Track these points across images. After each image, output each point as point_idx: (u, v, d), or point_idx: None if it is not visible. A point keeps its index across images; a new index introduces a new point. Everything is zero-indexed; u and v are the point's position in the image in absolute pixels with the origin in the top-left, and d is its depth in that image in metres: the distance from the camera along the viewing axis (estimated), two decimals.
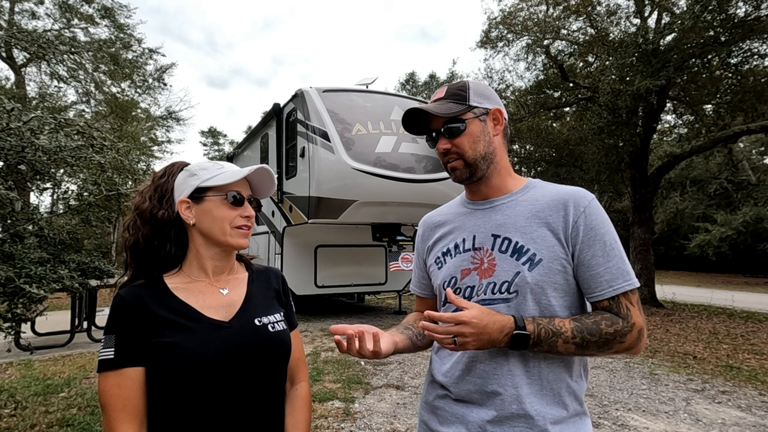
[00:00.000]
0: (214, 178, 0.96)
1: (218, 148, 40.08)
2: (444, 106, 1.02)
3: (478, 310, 0.88)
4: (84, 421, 3.28)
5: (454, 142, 1.02)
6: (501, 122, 1.06)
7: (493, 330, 0.87)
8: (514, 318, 0.90)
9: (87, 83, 12.95)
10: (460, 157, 1.03)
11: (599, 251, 0.94)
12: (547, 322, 0.90)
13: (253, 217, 1.00)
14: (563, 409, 0.95)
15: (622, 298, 0.93)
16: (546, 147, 12.60)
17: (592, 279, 0.94)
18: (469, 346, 0.88)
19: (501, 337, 0.88)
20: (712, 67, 8.90)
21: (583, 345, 0.90)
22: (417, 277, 1.25)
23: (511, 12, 10.75)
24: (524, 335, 0.88)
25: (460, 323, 0.86)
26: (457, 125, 1.01)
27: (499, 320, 0.89)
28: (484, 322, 0.87)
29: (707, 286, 16.13)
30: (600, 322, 0.91)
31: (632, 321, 0.91)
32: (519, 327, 0.89)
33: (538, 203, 1.01)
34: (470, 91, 1.04)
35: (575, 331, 0.89)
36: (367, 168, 6.25)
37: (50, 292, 2.83)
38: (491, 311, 0.91)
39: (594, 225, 0.95)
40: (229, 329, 0.93)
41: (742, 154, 18.07)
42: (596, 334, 0.90)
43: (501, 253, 0.99)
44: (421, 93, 26.06)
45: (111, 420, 0.84)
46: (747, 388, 4.25)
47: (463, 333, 0.86)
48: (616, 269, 0.93)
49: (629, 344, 0.92)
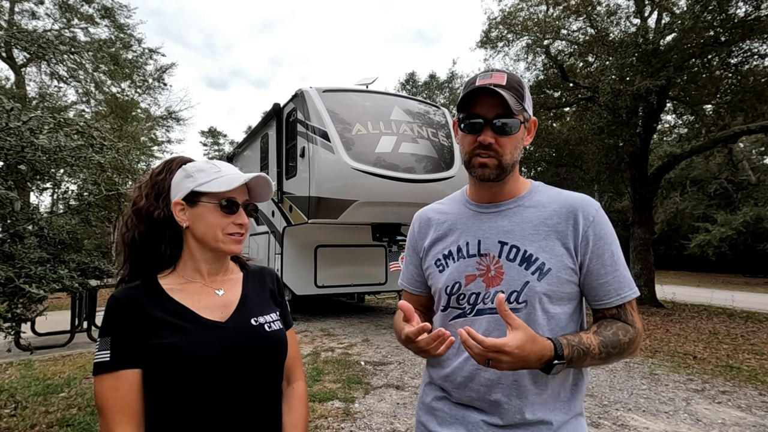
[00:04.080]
0: (209, 183, 0.94)
1: (218, 148, 40.11)
2: (512, 99, 0.92)
3: (522, 338, 0.81)
4: (84, 421, 3.28)
5: (500, 140, 0.94)
6: (533, 133, 1.04)
7: (532, 359, 0.83)
8: (554, 345, 0.86)
9: (87, 83, 12.95)
10: (497, 157, 0.95)
11: (608, 261, 0.95)
12: (578, 343, 0.89)
13: (247, 224, 0.99)
14: (565, 413, 0.96)
15: (628, 306, 0.97)
16: (546, 147, 12.59)
17: (600, 288, 0.96)
18: (502, 368, 0.84)
19: (537, 364, 0.85)
20: (712, 67, 8.90)
21: (605, 358, 0.91)
22: (409, 273, 1.18)
23: (511, 12, 10.75)
24: (561, 363, 0.86)
25: (501, 352, 0.80)
26: (511, 124, 0.94)
27: (540, 351, 0.83)
28: (526, 351, 0.81)
29: (707, 286, 16.12)
30: (617, 332, 0.93)
31: (637, 326, 0.96)
32: (558, 356, 0.85)
33: (545, 210, 0.99)
34: (525, 91, 0.98)
35: (601, 347, 0.90)
36: (367, 168, 6.25)
37: (50, 292, 2.83)
38: (536, 337, 0.84)
39: (603, 235, 0.96)
40: (225, 330, 0.93)
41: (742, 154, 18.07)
42: (617, 346, 0.92)
43: (509, 261, 0.97)
44: (421, 93, 26.06)
45: (108, 422, 0.83)
46: (747, 388, 4.24)
47: (501, 360, 0.81)
48: (623, 278, 0.96)
49: (635, 349, 0.96)
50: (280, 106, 7.64)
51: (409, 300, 1.19)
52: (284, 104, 7.57)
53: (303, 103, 6.66)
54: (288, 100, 7.39)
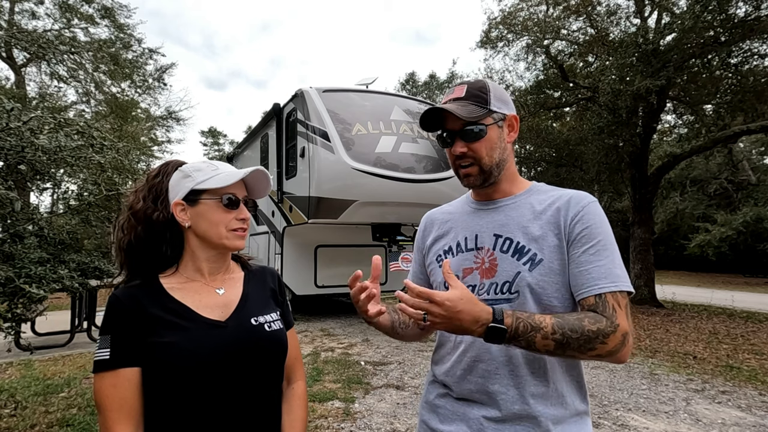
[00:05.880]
0: (208, 181, 0.95)
1: (218, 148, 40.10)
2: (465, 107, 0.98)
3: (457, 293, 0.83)
4: (84, 421, 3.28)
5: (471, 146, 0.99)
6: (516, 129, 1.05)
7: (466, 318, 0.82)
8: (493, 310, 0.85)
9: (87, 83, 12.96)
10: (476, 163, 1.00)
11: (591, 249, 0.92)
12: (527, 317, 0.86)
13: (249, 219, 1.00)
14: (565, 409, 0.95)
15: (609, 297, 0.89)
16: (546, 147, 12.60)
17: (580, 275, 0.92)
18: (438, 326, 0.86)
19: (475, 328, 0.83)
20: (712, 67, 8.90)
21: (563, 343, 0.84)
22: (414, 272, 1.24)
23: (511, 12, 10.75)
24: (500, 329, 0.83)
25: (432, 302, 0.82)
26: (477, 130, 0.98)
27: (476, 311, 0.83)
28: (458, 307, 0.82)
29: (707, 286, 16.12)
30: (583, 319, 0.87)
31: (617, 322, 0.87)
32: (496, 320, 0.84)
33: (540, 204, 1.01)
34: (491, 93, 1.00)
35: (555, 326, 0.85)
36: (367, 168, 6.25)
37: (50, 292, 2.83)
38: (474, 299, 0.85)
39: (589, 224, 0.94)
40: (225, 329, 0.93)
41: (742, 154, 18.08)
42: (578, 331, 0.84)
43: (502, 253, 0.99)
44: (421, 93, 26.04)
45: (107, 420, 0.83)
46: (747, 388, 4.25)
47: (433, 312, 0.82)
48: (606, 269, 0.91)
49: (612, 347, 0.86)
50: (280, 106, 7.64)
51: None
52: (284, 104, 7.57)
53: (303, 103, 6.66)
54: (288, 100, 7.39)
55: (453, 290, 0.84)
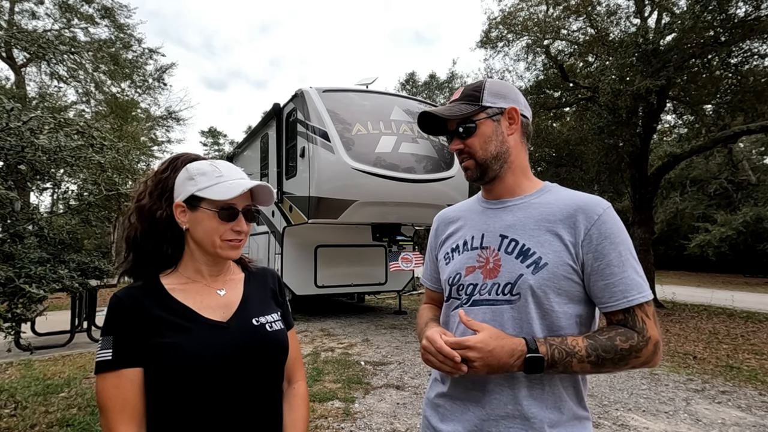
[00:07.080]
0: (209, 189, 0.93)
1: (218, 148, 40.12)
2: (456, 108, 1.04)
3: (485, 333, 0.87)
4: (84, 421, 3.28)
5: (465, 142, 1.04)
6: (516, 121, 1.05)
7: (502, 354, 0.86)
8: (525, 340, 0.88)
9: (87, 83, 12.96)
10: (471, 156, 1.04)
11: (614, 261, 0.91)
12: (560, 342, 0.88)
13: (246, 231, 0.98)
14: (561, 412, 0.94)
15: (637, 310, 0.90)
16: (546, 147, 12.58)
17: (606, 289, 0.92)
18: (479, 370, 0.87)
19: (512, 361, 0.86)
20: (712, 67, 8.90)
21: (598, 363, 0.87)
22: (429, 270, 1.27)
23: (511, 12, 10.75)
24: (538, 358, 0.86)
25: (465, 348, 0.86)
26: (467, 126, 1.03)
27: (508, 344, 0.87)
28: (491, 346, 0.85)
29: (707, 286, 16.12)
30: (615, 338, 0.88)
31: (648, 335, 0.89)
32: (531, 350, 0.86)
33: (550, 207, 1.00)
34: (485, 91, 1.04)
35: (589, 349, 0.87)
36: (367, 168, 6.25)
37: (50, 292, 2.83)
38: (502, 334, 0.89)
39: (608, 234, 0.93)
40: (227, 329, 0.93)
41: (742, 154, 18.08)
42: (611, 351, 0.87)
43: (507, 254, 0.99)
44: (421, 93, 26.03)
45: (110, 421, 0.83)
46: (747, 388, 4.25)
47: (470, 357, 0.86)
48: (631, 280, 0.91)
49: (645, 358, 0.89)
50: (280, 106, 7.64)
51: (429, 296, 1.28)
52: (284, 104, 7.57)
53: (303, 103, 6.66)
54: (288, 100, 7.39)
55: (480, 333, 0.88)
